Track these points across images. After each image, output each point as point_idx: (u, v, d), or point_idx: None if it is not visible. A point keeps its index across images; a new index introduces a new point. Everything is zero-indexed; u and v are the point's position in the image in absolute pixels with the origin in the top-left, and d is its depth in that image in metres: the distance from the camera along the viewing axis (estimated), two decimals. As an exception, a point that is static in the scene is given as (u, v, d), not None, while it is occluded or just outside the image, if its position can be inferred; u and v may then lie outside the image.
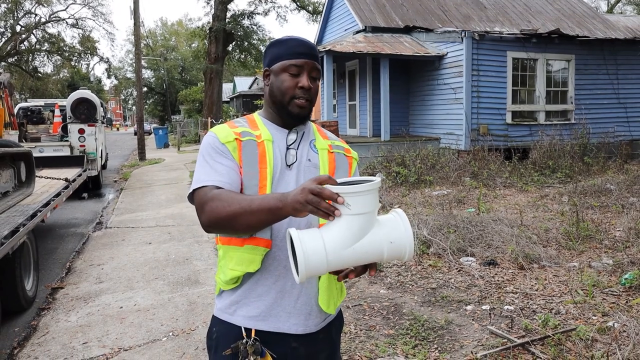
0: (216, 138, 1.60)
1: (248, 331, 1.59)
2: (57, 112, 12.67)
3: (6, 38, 37.72)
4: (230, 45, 30.21)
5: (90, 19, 62.59)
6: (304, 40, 1.66)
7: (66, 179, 7.44)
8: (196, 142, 30.05)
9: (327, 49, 12.50)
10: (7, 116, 8.63)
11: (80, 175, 8.66)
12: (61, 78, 49.84)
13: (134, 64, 22.30)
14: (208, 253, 6.46)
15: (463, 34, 12.03)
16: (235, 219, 1.43)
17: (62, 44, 41.28)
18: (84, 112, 11.45)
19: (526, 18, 15.60)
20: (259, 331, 1.59)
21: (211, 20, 28.52)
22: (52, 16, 39.67)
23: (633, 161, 12.68)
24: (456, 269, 5.32)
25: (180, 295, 5.03)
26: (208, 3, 31.13)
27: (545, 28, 14.04)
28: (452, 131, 12.59)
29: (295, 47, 1.62)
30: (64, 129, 11.80)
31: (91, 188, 11.99)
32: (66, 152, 10.99)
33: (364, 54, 12.81)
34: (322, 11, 18.30)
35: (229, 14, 29.10)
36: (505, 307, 4.30)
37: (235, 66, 42.14)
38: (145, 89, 49.30)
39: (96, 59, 52.05)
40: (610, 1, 40.99)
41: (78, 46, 42.66)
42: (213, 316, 1.70)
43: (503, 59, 12.30)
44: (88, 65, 60.11)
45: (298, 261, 1.27)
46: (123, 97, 73.65)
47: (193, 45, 53.47)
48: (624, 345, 3.40)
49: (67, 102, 11.64)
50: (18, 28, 38.46)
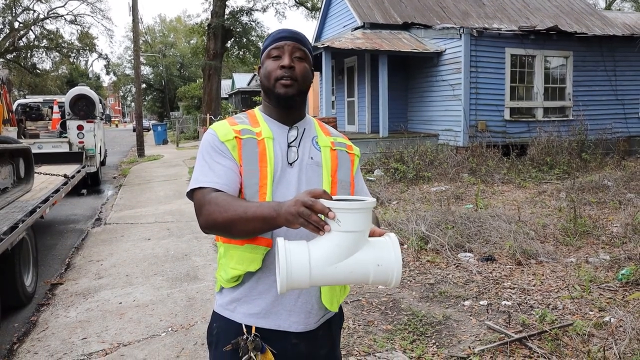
0: (216, 136, 1.59)
1: (248, 328, 1.59)
2: (56, 109, 12.67)
3: (4, 34, 37.66)
4: (229, 41, 30.16)
5: (88, 16, 62.46)
6: (288, 28, 1.69)
7: (65, 175, 7.44)
8: (195, 139, 30.03)
9: (326, 46, 12.50)
10: (6, 113, 8.63)
11: (79, 171, 8.67)
12: (60, 74, 49.76)
13: (133, 61, 22.28)
14: (207, 249, 6.48)
15: (461, 31, 12.04)
16: (230, 225, 1.44)
17: (61, 41, 41.24)
18: (83, 109, 11.44)
19: (524, 15, 15.61)
20: (259, 328, 1.59)
21: (210, 16, 28.48)
22: (51, 12, 39.65)
23: (630, 157, 12.71)
24: (454, 265, 5.34)
25: (179, 291, 5.05)
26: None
27: (543, 25, 14.06)
28: (451, 127, 12.61)
29: (276, 34, 1.66)
30: (63, 126, 11.80)
31: (90, 184, 11.99)
32: (65, 149, 10.99)
33: (363, 51, 12.82)
34: (321, 7, 18.29)
35: (228, 11, 29.07)
36: (502, 303, 4.33)
37: (234, 62, 42.05)
38: (144, 86, 49.24)
39: (95, 56, 51.95)
40: (608, -2, 40.96)
41: (77, 42, 42.66)
42: (214, 312, 1.70)
43: (501, 56, 12.31)
44: (87, 61, 60.01)
45: (280, 272, 1.25)
46: (122, 94, 73.58)
47: (192, 41, 53.37)
48: (620, 340, 3.43)
49: (66, 99, 11.62)
50: (16, 24, 38.39)
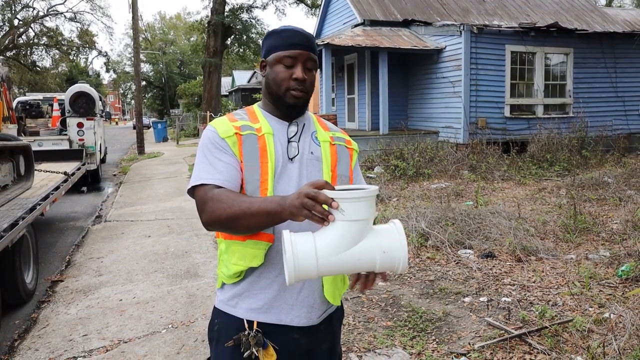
0: (216, 133, 1.59)
1: (250, 323, 1.59)
2: (56, 106, 12.66)
3: (4, 32, 37.62)
4: (229, 39, 30.15)
5: (88, 13, 62.31)
6: (299, 30, 1.64)
7: (65, 173, 7.44)
8: (195, 136, 30.02)
9: (326, 43, 12.49)
10: (6, 110, 8.62)
11: (79, 169, 8.67)
12: (60, 72, 49.76)
13: (133, 58, 22.26)
14: (207, 246, 6.48)
15: (462, 28, 12.02)
16: (234, 221, 1.44)
17: (61, 38, 41.23)
18: (83, 106, 11.43)
19: (525, 11, 15.59)
20: (261, 323, 1.59)
21: (210, 14, 28.46)
22: (50, 10, 39.59)
23: (630, 154, 12.70)
24: (454, 262, 5.34)
25: (179, 287, 5.05)
26: (206, -4, 31.06)
27: (543, 21, 14.03)
28: (451, 124, 12.60)
29: (289, 38, 1.61)
30: (63, 123, 11.79)
31: (90, 182, 11.99)
32: (65, 146, 10.99)
33: (363, 48, 12.80)
34: (321, 4, 18.25)
35: (228, 8, 29.04)
36: (502, 299, 4.33)
37: (234, 60, 42.10)
38: (144, 83, 49.21)
39: (95, 53, 51.96)
40: (609, -6, 40.86)
41: (76, 40, 42.63)
42: (215, 308, 1.70)
43: (501, 53, 12.29)
44: (86, 59, 60.12)
45: (287, 263, 1.26)
46: (122, 91, 73.61)
47: (192, 39, 53.38)
48: (620, 335, 3.44)
49: (66, 96, 11.61)
50: (16, 22, 38.36)
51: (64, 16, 40.29)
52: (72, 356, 3.70)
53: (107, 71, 60.68)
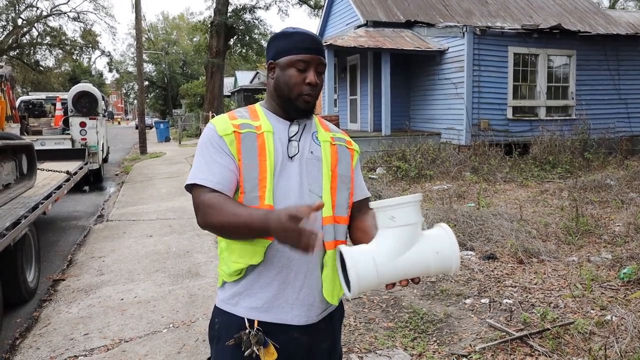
0: (214, 131, 1.60)
1: (251, 322, 1.59)
2: (59, 106, 12.67)
3: (8, 31, 37.69)
4: (231, 39, 30.16)
5: (91, 13, 62.73)
6: (311, 34, 1.65)
7: (67, 172, 7.46)
8: (197, 136, 29.98)
9: (329, 44, 12.48)
10: (9, 109, 8.62)
11: (81, 168, 8.69)
12: (63, 71, 49.85)
13: (136, 58, 22.29)
14: (209, 246, 6.48)
15: (464, 29, 12.01)
16: (224, 229, 1.50)
17: (64, 38, 41.27)
18: (86, 106, 11.46)
19: (528, 13, 15.58)
20: (262, 322, 1.59)
21: (212, 14, 28.49)
22: (54, 9, 39.62)
23: (633, 157, 12.68)
24: (455, 263, 5.33)
25: (180, 287, 5.05)
26: (209, -3, 31.10)
27: (546, 23, 14.02)
28: (453, 126, 12.59)
29: (302, 42, 1.61)
30: (66, 122, 11.81)
31: (92, 181, 12.01)
32: (67, 145, 11.00)
33: (365, 49, 12.80)
34: (324, 5, 18.26)
35: (231, 8, 29.07)
36: (504, 301, 4.32)
37: (236, 60, 42.12)
38: (146, 83, 49.21)
39: (98, 53, 52.29)
40: (612, -3, 40.82)
41: (79, 40, 42.67)
42: (215, 307, 1.70)
43: (504, 54, 12.28)
44: (89, 59, 60.30)
45: (350, 277, 1.30)
46: (124, 91, 73.76)
47: (194, 39, 53.41)
48: (622, 338, 3.43)
49: (69, 96, 11.64)
50: (20, 21, 38.43)
51: (68, 16, 40.35)
52: (73, 355, 3.70)
53: (110, 71, 60.64)
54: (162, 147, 23.37)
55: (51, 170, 7.62)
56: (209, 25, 28.55)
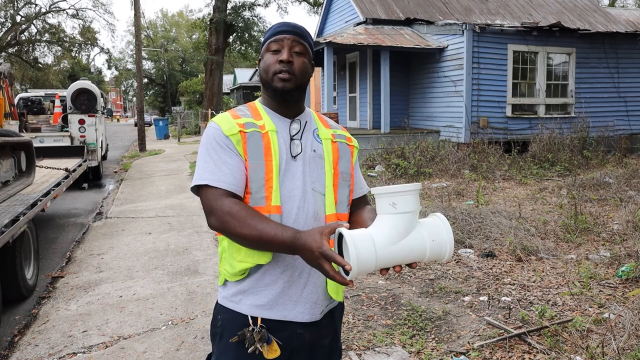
0: (220, 130, 1.57)
1: (254, 319, 1.58)
2: (58, 103, 12.69)
3: (6, 28, 37.61)
4: (230, 36, 30.16)
5: (90, 10, 62.58)
6: (288, 21, 1.69)
7: (66, 169, 7.45)
8: (196, 134, 30.06)
9: (328, 41, 12.48)
10: (8, 106, 8.63)
11: (80, 165, 8.68)
12: (62, 69, 49.74)
13: (135, 55, 22.25)
14: (207, 243, 6.49)
15: (464, 27, 12.00)
16: (243, 241, 1.49)
17: (63, 35, 41.18)
18: (84, 103, 11.45)
19: (527, 11, 15.56)
20: (265, 319, 1.58)
21: (212, 11, 28.48)
22: (53, 6, 39.55)
23: (632, 155, 12.69)
24: (454, 261, 5.34)
25: (179, 284, 5.06)
26: (209, -6, 31.08)
27: (546, 21, 14.02)
28: (452, 124, 12.59)
29: (276, 28, 1.66)
30: (64, 120, 11.81)
31: (91, 178, 12.01)
32: (66, 143, 11.01)
33: (365, 46, 12.79)
34: (323, 3, 18.24)
35: (230, 6, 29.07)
36: (502, 299, 4.33)
37: (235, 58, 42.07)
38: (145, 80, 49.24)
39: (97, 50, 52.19)
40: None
41: (78, 37, 42.59)
42: (217, 304, 1.69)
43: (504, 52, 12.28)
44: (88, 56, 60.19)
45: (351, 258, 1.33)
46: (123, 88, 73.65)
47: (194, 36, 53.39)
48: (619, 335, 3.43)
49: (68, 93, 11.63)
50: (18, 18, 38.35)
51: (66, 13, 40.52)
52: (72, 352, 3.70)
53: (109, 68, 60.57)
54: (161, 145, 23.36)
55: (50, 167, 7.62)
56: (208, 22, 28.54)
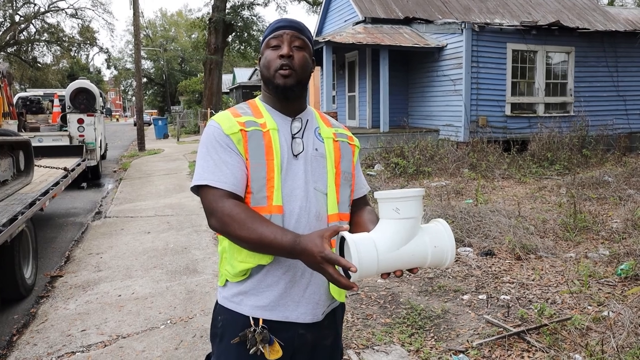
0: (220, 129, 1.55)
1: (256, 320, 1.56)
2: (56, 102, 12.67)
3: (5, 28, 37.57)
4: (230, 36, 30.14)
5: (89, 9, 62.46)
6: (287, 17, 1.69)
7: (65, 169, 7.44)
8: (196, 133, 30.04)
9: (327, 40, 12.47)
10: (6, 106, 8.62)
11: (79, 164, 8.67)
12: (61, 68, 49.69)
13: (134, 55, 22.23)
14: (206, 242, 6.48)
15: (463, 26, 12.00)
16: (244, 244, 1.48)
17: (62, 34, 41.15)
18: (83, 102, 11.43)
19: (526, 10, 15.56)
20: (267, 320, 1.57)
21: (211, 11, 28.46)
22: (52, 6, 39.51)
23: (631, 154, 12.69)
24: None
25: (178, 283, 5.05)
26: (208, -7, 31.08)
27: (545, 20, 14.01)
28: (451, 123, 12.59)
29: (275, 24, 1.65)
30: (63, 119, 11.79)
31: (90, 178, 11.98)
32: (65, 142, 10.98)
33: (364, 45, 12.79)
34: (322, 2, 18.23)
35: (229, 5, 29.03)
36: (501, 297, 4.33)
37: (234, 57, 41.99)
38: (144, 80, 49.22)
39: (96, 50, 52.02)
40: (611, -7, 40.79)
41: (77, 36, 42.56)
42: (218, 305, 1.67)
43: (503, 51, 12.28)
44: (87, 55, 60.09)
45: (353, 262, 1.32)
46: (122, 88, 73.63)
47: (193, 36, 53.35)
48: (618, 333, 3.43)
49: (66, 92, 11.61)
50: (17, 18, 38.31)
51: (65, 12, 40.39)
52: (71, 351, 3.70)
53: (108, 68, 60.65)
54: (161, 144, 23.35)
55: (49, 166, 7.61)
56: (207, 22, 28.51)
